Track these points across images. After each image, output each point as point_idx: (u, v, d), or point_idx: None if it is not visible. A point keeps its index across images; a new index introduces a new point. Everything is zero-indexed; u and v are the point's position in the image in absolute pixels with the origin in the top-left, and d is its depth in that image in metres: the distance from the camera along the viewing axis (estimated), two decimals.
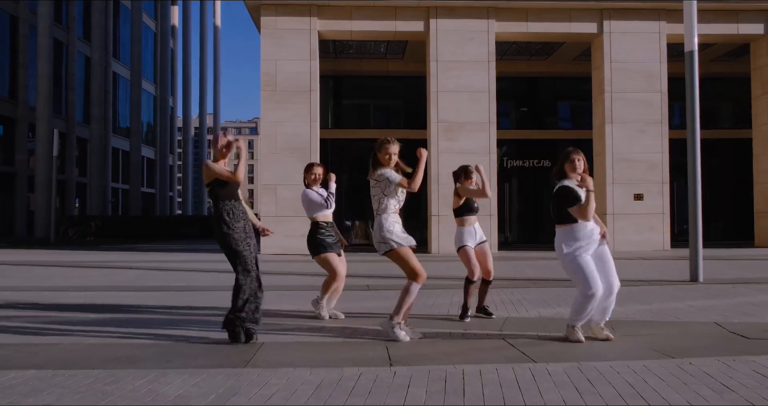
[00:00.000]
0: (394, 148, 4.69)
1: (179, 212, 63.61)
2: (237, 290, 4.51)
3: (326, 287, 5.73)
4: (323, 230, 5.71)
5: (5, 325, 5.37)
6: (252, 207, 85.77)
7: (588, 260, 4.49)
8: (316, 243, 5.69)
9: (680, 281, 9.00)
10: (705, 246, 9.51)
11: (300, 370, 3.68)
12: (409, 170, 4.69)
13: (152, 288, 8.50)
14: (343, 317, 5.68)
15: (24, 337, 4.83)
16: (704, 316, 5.66)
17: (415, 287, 4.62)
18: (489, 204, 15.68)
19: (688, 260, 9.58)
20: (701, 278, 8.98)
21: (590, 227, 4.53)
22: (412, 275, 4.62)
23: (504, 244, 18.82)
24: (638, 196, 16.70)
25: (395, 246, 4.59)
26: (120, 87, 44.60)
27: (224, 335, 4.83)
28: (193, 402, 3.06)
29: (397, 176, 4.62)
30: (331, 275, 5.71)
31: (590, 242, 4.53)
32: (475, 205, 5.94)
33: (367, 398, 3.12)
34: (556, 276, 9.47)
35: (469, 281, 5.75)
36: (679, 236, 20.26)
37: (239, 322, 4.50)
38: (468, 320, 5.61)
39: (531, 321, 5.49)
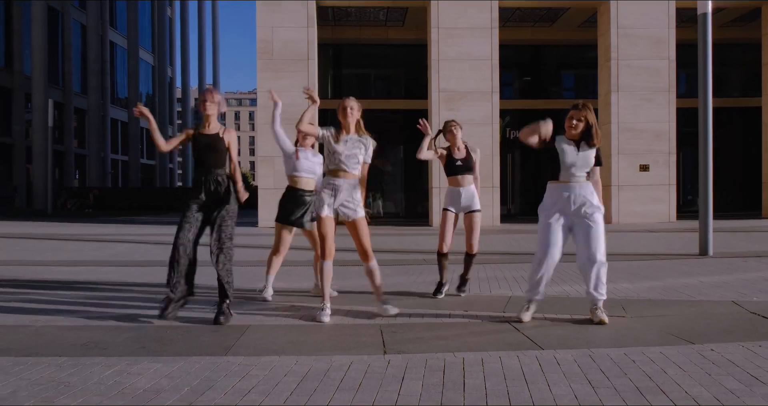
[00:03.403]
0: (352, 103, 4.62)
1: (180, 183, 63.22)
2: None
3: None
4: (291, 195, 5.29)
5: None
6: (254, 179, 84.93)
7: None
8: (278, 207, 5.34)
9: (689, 254, 8.68)
10: (714, 217, 9.16)
11: (285, 358, 3.37)
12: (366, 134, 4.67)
13: (141, 263, 8.21)
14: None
15: None
16: (719, 294, 5.34)
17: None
18: (491, 176, 15.31)
19: (694, 232, 9.26)
20: (711, 252, 8.67)
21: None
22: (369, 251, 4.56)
23: (506, 216, 18.49)
24: (644, 167, 16.30)
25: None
26: (117, 56, 43.91)
27: (208, 317, 4.53)
28: (163, 397, 2.75)
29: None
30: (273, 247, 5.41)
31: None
32: (457, 163, 5.33)
33: (356, 392, 2.81)
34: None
35: (438, 254, 5.40)
36: (685, 206, 19.91)
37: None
38: (441, 296, 5.30)
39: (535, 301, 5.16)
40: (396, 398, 2.71)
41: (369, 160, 4.64)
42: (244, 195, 4.57)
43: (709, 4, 9.10)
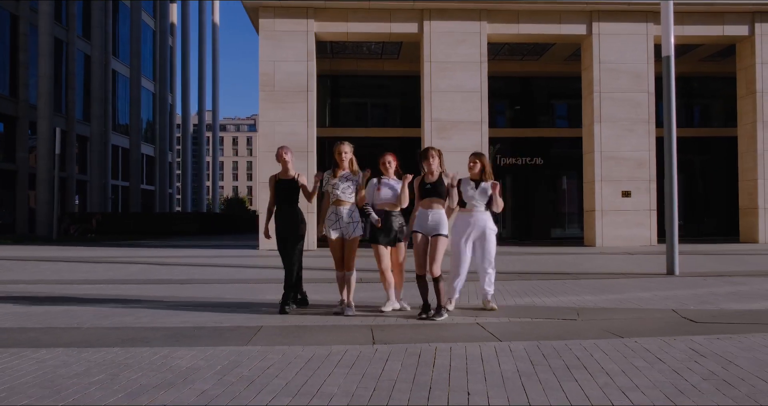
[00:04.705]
0: (345, 148, 5.79)
1: (179, 208, 64.10)
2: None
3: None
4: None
5: (26, 312, 5.90)
6: (251, 203, 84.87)
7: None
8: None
9: (657, 273, 9.51)
10: (695, 241, 10.01)
11: (294, 347, 4.23)
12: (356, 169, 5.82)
13: (156, 281, 9.01)
14: (408, 308, 5.94)
15: (47, 323, 5.35)
16: (665, 304, 6.18)
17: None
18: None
19: None
20: (677, 271, 9.48)
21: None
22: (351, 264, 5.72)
23: (498, 239, 19.31)
24: (626, 193, 17.21)
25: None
26: (119, 85, 45.04)
27: (225, 320, 5.34)
28: (202, 371, 3.59)
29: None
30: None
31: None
32: (427, 186, 5.59)
33: (350, 369, 3.65)
34: (541, 270, 10.00)
35: (417, 277, 5.57)
36: None
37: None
38: (443, 317, 5.33)
39: (505, 308, 6.01)
40: (381, 372, 3.56)
41: (365, 188, 5.84)
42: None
43: (672, 48, 10.16)
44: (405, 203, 5.81)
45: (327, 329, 4.99)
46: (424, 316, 5.42)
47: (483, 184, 5.83)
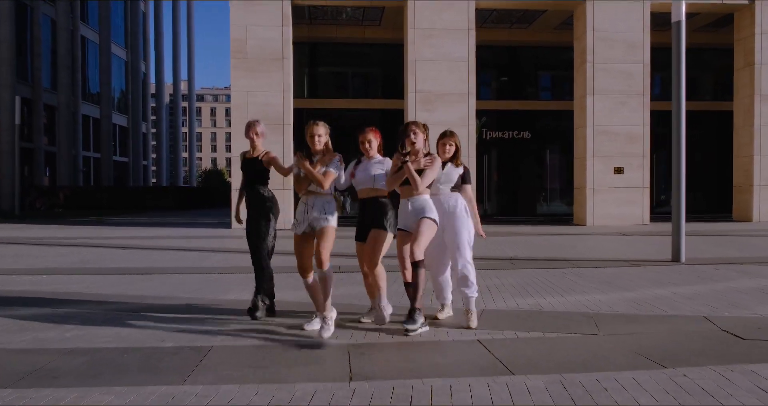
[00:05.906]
0: (320, 130, 4.61)
1: (154, 181, 62.33)
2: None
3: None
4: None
5: None
6: (229, 175, 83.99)
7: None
8: None
9: (661, 260, 8.70)
10: (686, 219, 9.19)
11: (245, 388, 3.21)
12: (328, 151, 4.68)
13: (108, 271, 7.98)
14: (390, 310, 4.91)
15: None
16: (691, 307, 5.30)
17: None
18: None
19: (667, 236, 9.30)
20: (683, 259, 8.69)
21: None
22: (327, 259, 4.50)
23: (483, 217, 18.47)
24: (618, 170, 16.40)
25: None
26: (89, 52, 43.03)
27: (168, 337, 4.36)
28: None
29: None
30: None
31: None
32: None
33: None
34: (535, 255, 9.13)
35: (405, 284, 4.57)
36: (658, 207, 20.13)
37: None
38: (417, 328, 4.42)
39: (509, 315, 5.08)
40: None
41: (332, 170, 4.52)
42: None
43: (683, 12, 9.14)
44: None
45: (292, 352, 3.99)
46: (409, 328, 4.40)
47: (449, 166, 4.81)
